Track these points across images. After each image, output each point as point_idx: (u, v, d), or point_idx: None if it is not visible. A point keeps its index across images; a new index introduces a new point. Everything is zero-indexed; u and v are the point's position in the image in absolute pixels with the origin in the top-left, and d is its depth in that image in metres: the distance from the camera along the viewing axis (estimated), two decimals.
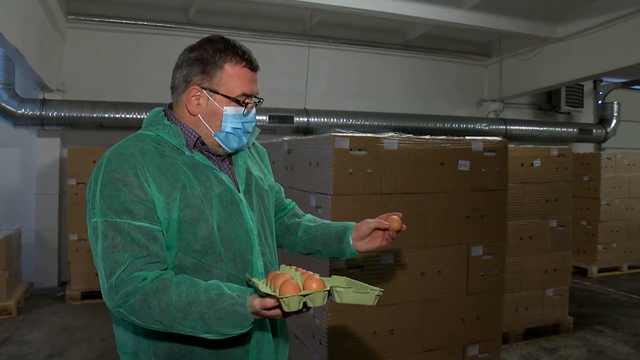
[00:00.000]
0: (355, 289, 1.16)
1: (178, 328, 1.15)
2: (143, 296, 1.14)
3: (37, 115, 5.51)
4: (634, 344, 4.21)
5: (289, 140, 3.32)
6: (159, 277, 1.17)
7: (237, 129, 1.33)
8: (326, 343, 2.68)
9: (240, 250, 1.32)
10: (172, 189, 1.25)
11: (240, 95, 1.31)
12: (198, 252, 1.27)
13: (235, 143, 1.35)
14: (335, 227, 1.55)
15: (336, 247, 1.52)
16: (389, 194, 2.76)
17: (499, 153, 3.09)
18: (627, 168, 6.91)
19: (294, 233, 1.62)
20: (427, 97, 7.95)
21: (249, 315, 1.11)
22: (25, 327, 4.53)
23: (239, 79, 1.30)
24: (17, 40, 3.98)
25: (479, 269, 3.04)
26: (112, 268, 1.17)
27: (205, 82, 1.30)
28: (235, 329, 1.13)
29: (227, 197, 1.32)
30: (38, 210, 5.94)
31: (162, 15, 6.47)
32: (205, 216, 1.27)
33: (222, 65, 1.29)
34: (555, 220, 4.27)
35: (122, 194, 1.20)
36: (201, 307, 1.12)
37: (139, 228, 1.19)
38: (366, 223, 1.47)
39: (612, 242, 6.77)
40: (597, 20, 6.31)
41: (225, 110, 1.31)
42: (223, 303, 1.12)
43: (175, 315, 1.13)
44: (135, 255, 1.17)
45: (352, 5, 5.68)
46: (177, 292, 1.14)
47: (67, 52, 6.18)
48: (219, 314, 1.11)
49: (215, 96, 1.31)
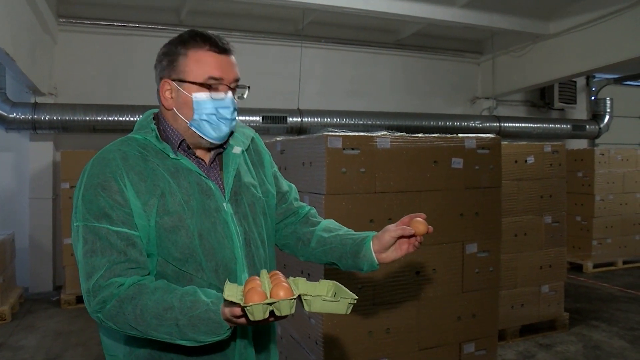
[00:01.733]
0: (326, 297, 1.09)
1: (154, 334, 1.13)
2: (119, 302, 1.13)
3: (29, 119, 5.49)
4: (630, 339, 4.22)
5: (282, 140, 3.31)
6: (136, 282, 1.16)
7: (211, 115, 1.28)
8: (322, 343, 2.67)
9: (224, 260, 1.28)
10: (150, 196, 1.22)
11: (207, 79, 1.26)
12: (179, 260, 1.24)
13: (214, 131, 1.29)
14: (352, 239, 1.41)
15: (352, 261, 1.40)
16: (382, 193, 2.76)
17: (492, 150, 3.09)
18: (621, 163, 6.93)
19: (306, 244, 1.50)
20: (420, 96, 7.96)
21: (222, 323, 1.07)
22: (20, 332, 4.50)
23: (204, 62, 1.26)
24: (7, 43, 3.96)
25: (474, 266, 3.04)
26: (89, 273, 1.16)
27: (173, 73, 1.28)
28: (210, 336, 1.10)
29: (210, 205, 1.29)
30: (32, 214, 5.91)
31: (153, 17, 6.45)
32: (186, 224, 1.24)
33: (186, 52, 1.27)
34: (549, 217, 4.28)
35: (101, 198, 1.19)
36: (175, 313, 1.10)
37: (117, 233, 1.18)
38: (388, 232, 1.34)
39: (606, 237, 6.79)
40: (589, 17, 6.34)
41: (194, 96, 1.27)
42: (197, 310, 1.09)
43: (151, 322, 1.11)
44: (112, 261, 1.16)
45: (344, 4, 5.68)
46: (153, 298, 1.12)
47: (59, 55, 6.15)
48: (193, 321, 1.08)
49: (184, 85, 1.27)
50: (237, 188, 1.37)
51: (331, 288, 1.14)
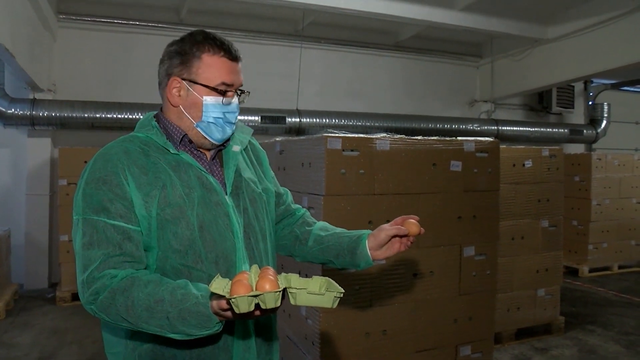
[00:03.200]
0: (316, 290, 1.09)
1: (144, 327, 1.14)
2: (111, 294, 1.14)
3: (28, 115, 5.46)
4: (625, 343, 4.24)
5: (281, 140, 3.32)
6: (129, 275, 1.17)
7: (218, 118, 1.33)
8: (319, 344, 2.67)
9: (225, 252, 1.30)
10: (152, 188, 1.25)
11: (219, 85, 1.31)
12: (178, 252, 1.25)
13: (219, 134, 1.34)
14: (348, 237, 1.47)
15: (349, 258, 1.44)
16: (381, 195, 2.76)
17: (491, 153, 3.10)
18: (617, 168, 6.97)
19: (304, 243, 1.55)
20: (419, 98, 7.97)
21: (212, 316, 1.07)
22: (15, 330, 4.48)
23: (217, 68, 1.31)
24: (6, 39, 3.95)
25: (471, 269, 3.04)
26: (85, 264, 1.18)
27: (185, 72, 1.31)
28: (200, 329, 1.10)
29: (211, 198, 1.31)
30: (28, 211, 5.89)
31: (153, 15, 6.44)
32: (187, 215, 1.26)
33: (200, 55, 1.30)
34: (546, 221, 4.29)
35: (101, 192, 1.21)
36: (166, 306, 1.10)
37: (114, 227, 1.20)
38: (384, 231, 1.40)
39: (602, 242, 6.82)
40: (587, 22, 6.37)
41: (205, 99, 1.31)
42: (187, 303, 1.10)
43: (142, 314, 1.12)
44: (108, 254, 1.18)
45: (344, 5, 5.69)
46: (145, 290, 1.13)
47: (58, 52, 6.14)
48: (183, 314, 1.09)
49: (195, 86, 1.31)
50: (238, 183, 1.40)
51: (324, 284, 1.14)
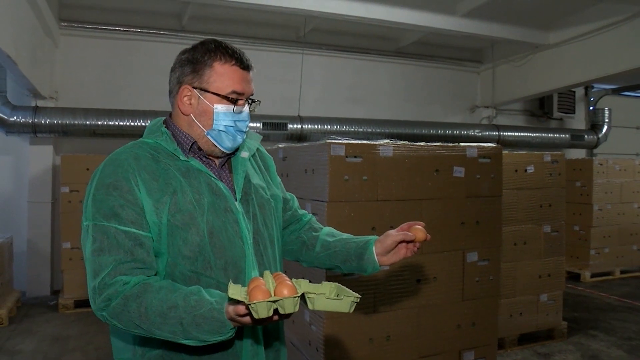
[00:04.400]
0: (328, 295, 1.10)
1: (157, 333, 1.14)
2: (123, 300, 1.14)
3: (30, 123, 5.48)
4: (627, 348, 4.23)
5: (284, 147, 3.33)
6: (141, 281, 1.17)
7: (229, 126, 1.33)
8: (323, 350, 2.67)
9: (234, 258, 1.31)
10: (163, 194, 1.25)
11: (230, 93, 1.32)
12: (188, 258, 1.26)
13: (229, 142, 1.35)
14: (355, 242, 1.48)
15: (356, 263, 1.45)
16: (384, 201, 2.77)
17: (493, 159, 3.11)
18: (619, 173, 6.96)
19: (311, 248, 1.56)
20: (420, 104, 7.99)
21: (226, 322, 1.08)
22: (18, 337, 4.48)
23: (228, 77, 1.31)
24: (9, 46, 3.97)
25: (474, 274, 3.05)
26: (96, 271, 1.18)
27: (196, 81, 1.32)
28: (214, 335, 1.11)
29: (221, 204, 1.31)
30: (30, 218, 5.89)
31: (155, 22, 6.47)
32: (197, 222, 1.26)
33: (212, 64, 1.31)
34: (549, 226, 4.29)
35: (112, 198, 1.21)
36: (180, 312, 1.11)
37: (125, 233, 1.20)
38: (391, 236, 1.40)
39: (604, 247, 6.81)
40: (588, 28, 6.40)
41: (215, 108, 1.32)
42: (201, 309, 1.10)
43: (155, 320, 1.12)
44: (119, 260, 1.17)
45: (345, 12, 5.72)
46: (158, 297, 1.13)
47: (60, 59, 6.16)
48: (197, 320, 1.10)
49: (206, 94, 1.32)
50: (247, 189, 1.40)
51: (333, 289, 1.15)
